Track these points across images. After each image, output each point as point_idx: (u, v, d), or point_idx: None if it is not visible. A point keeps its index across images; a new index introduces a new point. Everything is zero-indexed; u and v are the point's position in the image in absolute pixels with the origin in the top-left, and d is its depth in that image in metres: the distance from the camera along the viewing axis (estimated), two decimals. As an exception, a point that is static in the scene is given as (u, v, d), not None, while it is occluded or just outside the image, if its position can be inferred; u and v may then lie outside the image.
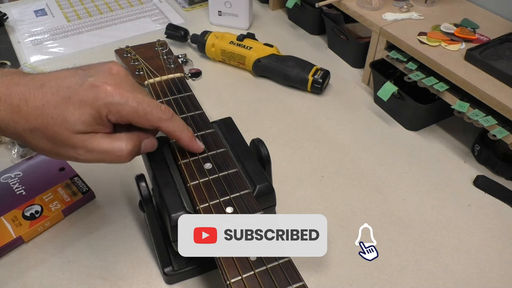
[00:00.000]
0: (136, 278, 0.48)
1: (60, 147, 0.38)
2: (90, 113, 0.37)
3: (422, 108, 0.64)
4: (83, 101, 0.37)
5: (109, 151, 0.39)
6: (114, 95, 0.37)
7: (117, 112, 0.38)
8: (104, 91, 0.37)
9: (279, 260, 0.35)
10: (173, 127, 0.41)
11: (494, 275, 0.49)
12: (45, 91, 0.37)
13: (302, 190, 0.58)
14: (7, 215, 0.52)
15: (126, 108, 0.38)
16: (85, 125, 0.37)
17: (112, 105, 0.37)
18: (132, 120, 0.39)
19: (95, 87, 0.37)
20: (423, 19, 0.71)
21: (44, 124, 0.37)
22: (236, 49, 0.77)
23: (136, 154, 0.41)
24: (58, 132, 0.37)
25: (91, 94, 0.37)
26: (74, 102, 0.37)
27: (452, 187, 0.59)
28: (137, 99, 0.38)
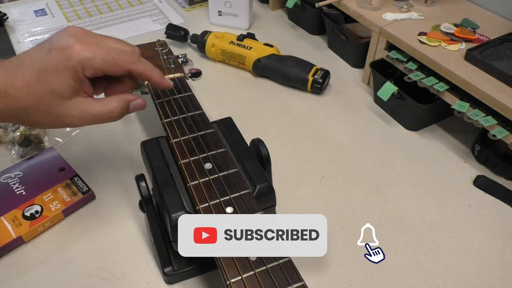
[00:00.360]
0: (136, 278, 0.48)
1: (56, 117, 0.41)
2: (69, 76, 0.40)
3: (422, 108, 0.64)
4: (58, 67, 0.39)
5: (101, 113, 0.43)
6: (83, 51, 0.40)
7: (90, 66, 0.40)
8: (73, 51, 0.39)
9: (279, 260, 0.35)
10: (143, 67, 0.44)
11: (494, 275, 0.49)
12: (23, 71, 0.40)
13: (302, 190, 0.58)
14: (7, 215, 0.52)
15: (97, 60, 0.40)
16: (69, 89, 0.40)
17: (84, 61, 0.40)
18: (105, 70, 0.41)
19: (63, 50, 0.39)
20: (423, 19, 0.71)
21: (34, 101, 0.39)
22: (236, 49, 0.77)
23: (126, 113, 0.45)
24: (50, 104, 0.40)
25: (62, 58, 0.39)
26: (51, 72, 0.39)
27: (452, 187, 0.59)
28: (104, 50, 0.41)
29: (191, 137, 0.46)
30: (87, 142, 0.65)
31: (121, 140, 0.65)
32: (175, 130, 0.47)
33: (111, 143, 0.64)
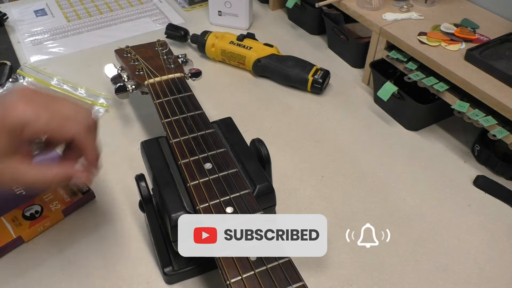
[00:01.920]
0: (136, 278, 0.48)
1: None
2: (4, 136, 0.37)
3: (422, 108, 0.64)
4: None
5: (35, 181, 0.39)
6: (24, 111, 0.37)
7: (30, 128, 0.37)
8: (13, 110, 0.37)
9: (279, 260, 0.35)
10: (86, 139, 0.41)
11: (494, 275, 0.49)
12: None
13: (302, 190, 0.58)
14: (7, 215, 0.52)
15: (39, 124, 0.37)
16: (3, 148, 0.37)
17: (23, 121, 0.37)
18: (47, 134, 0.39)
19: (5, 108, 0.37)
20: (423, 19, 0.71)
21: None
22: (236, 49, 0.77)
23: (64, 185, 0.42)
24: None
25: (1, 115, 0.36)
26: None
27: (452, 187, 0.59)
28: (49, 114, 0.38)
29: (191, 137, 0.46)
30: (87, 142, 0.65)
31: (121, 140, 0.65)
32: (175, 130, 0.47)
33: (111, 143, 0.64)
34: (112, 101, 0.71)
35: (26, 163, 0.39)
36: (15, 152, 0.38)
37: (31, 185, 0.40)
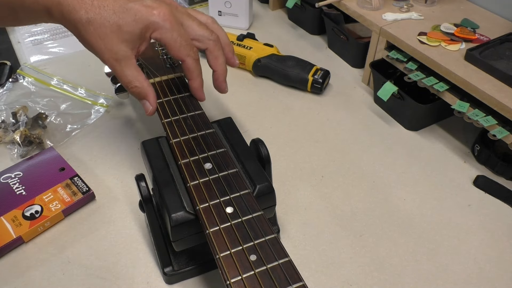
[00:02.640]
0: (136, 278, 0.48)
1: (105, 47, 0.43)
2: (140, 27, 0.43)
3: (422, 108, 0.64)
4: (138, 16, 0.43)
5: (126, 80, 0.46)
6: (165, 20, 0.44)
7: (160, 34, 0.44)
8: (158, 14, 0.44)
9: (279, 260, 0.35)
10: (194, 67, 0.48)
11: (494, 275, 0.49)
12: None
13: (302, 190, 0.58)
14: (7, 215, 0.52)
15: (168, 35, 0.44)
16: (131, 36, 0.43)
17: (159, 27, 0.44)
18: (167, 45, 0.45)
19: (152, 8, 0.44)
20: (423, 19, 0.71)
21: (99, 23, 0.42)
22: (236, 49, 0.77)
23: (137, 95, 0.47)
24: (109, 35, 0.43)
25: (147, 12, 0.43)
26: (130, 13, 0.43)
27: (452, 187, 0.59)
28: (180, 32, 0.45)
29: (191, 137, 0.46)
30: (87, 142, 0.65)
31: (121, 140, 0.65)
32: (175, 130, 0.47)
33: (111, 143, 0.64)
34: (112, 101, 0.71)
35: (134, 59, 0.45)
36: (136, 44, 0.45)
37: (119, 76, 0.45)
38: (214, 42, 0.49)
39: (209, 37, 0.49)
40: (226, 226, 0.37)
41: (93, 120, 0.68)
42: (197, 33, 0.48)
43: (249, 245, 0.36)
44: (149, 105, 0.48)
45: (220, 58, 0.50)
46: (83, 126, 0.67)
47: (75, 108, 0.70)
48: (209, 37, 0.49)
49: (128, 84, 0.46)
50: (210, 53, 0.50)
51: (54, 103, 0.71)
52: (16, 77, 0.76)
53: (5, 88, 0.73)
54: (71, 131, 0.66)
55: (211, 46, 0.49)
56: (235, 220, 0.38)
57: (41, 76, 0.77)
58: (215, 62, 0.50)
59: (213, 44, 0.49)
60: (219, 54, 0.50)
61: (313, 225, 0.54)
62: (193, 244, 0.43)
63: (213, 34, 0.49)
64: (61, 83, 0.75)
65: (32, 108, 0.69)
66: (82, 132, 0.66)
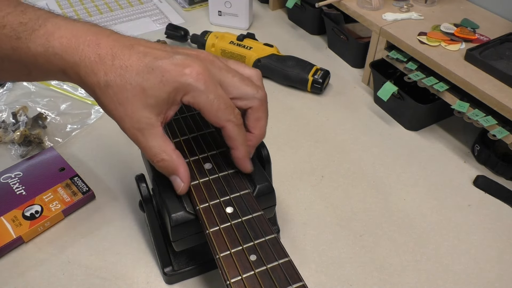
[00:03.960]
0: (136, 278, 0.48)
1: (125, 114, 0.37)
2: (167, 90, 0.36)
3: (422, 108, 0.64)
4: (166, 77, 0.36)
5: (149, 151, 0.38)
6: (198, 80, 0.36)
7: (193, 98, 0.37)
8: (190, 73, 0.36)
9: (279, 260, 0.35)
10: (237, 134, 0.39)
11: (494, 275, 0.49)
12: (132, 53, 0.37)
13: (302, 190, 0.58)
14: (7, 215, 0.52)
15: (203, 97, 0.37)
16: (157, 100, 0.36)
17: (192, 89, 0.36)
18: (202, 110, 0.38)
19: (182, 66, 0.36)
20: (423, 19, 0.71)
21: (120, 86, 0.36)
22: (236, 49, 0.77)
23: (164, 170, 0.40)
24: (130, 100, 0.36)
25: (176, 71, 0.36)
26: (156, 75, 0.36)
27: (452, 187, 0.59)
28: (216, 93, 0.37)
29: (191, 137, 0.46)
30: (87, 142, 0.65)
31: (121, 140, 0.65)
32: (175, 130, 0.47)
33: (111, 143, 0.64)
34: (112, 101, 0.71)
35: (160, 126, 0.38)
36: (163, 109, 0.37)
37: (142, 148, 0.38)
38: (260, 101, 0.41)
39: (255, 94, 0.40)
40: (226, 226, 0.37)
41: (93, 120, 0.68)
42: (240, 91, 0.39)
43: (249, 245, 0.36)
44: (180, 182, 0.39)
45: (262, 120, 0.42)
46: (83, 126, 0.67)
47: (75, 108, 0.70)
48: (254, 95, 0.40)
49: (153, 157, 0.38)
50: (252, 113, 0.41)
51: (54, 103, 0.71)
52: (16, 77, 0.76)
53: (5, 88, 0.73)
54: (71, 131, 0.66)
55: (256, 105, 0.40)
56: (235, 220, 0.38)
57: (41, 76, 0.77)
58: (255, 124, 0.41)
59: (258, 104, 0.40)
60: (263, 116, 0.42)
61: (313, 225, 0.54)
62: (193, 244, 0.43)
63: (260, 92, 0.40)
64: (61, 83, 0.75)
65: (32, 108, 0.69)
66: (82, 132, 0.66)
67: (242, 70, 0.41)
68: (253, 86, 0.40)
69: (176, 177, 0.39)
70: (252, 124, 0.41)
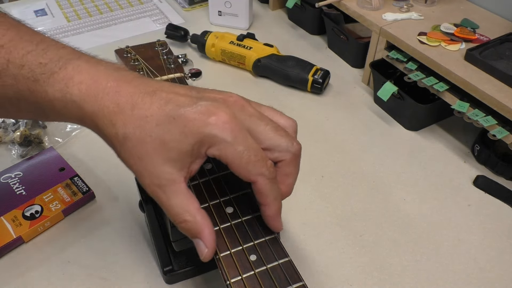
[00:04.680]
0: (136, 278, 0.48)
1: (144, 169, 0.34)
2: (191, 143, 0.33)
3: (422, 108, 0.64)
4: (189, 127, 0.32)
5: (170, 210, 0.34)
6: (225, 129, 0.32)
7: (219, 151, 0.33)
8: (215, 123, 0.32)
9: (279, 260, 0.35)
10: (269, 190, 0.35)
11: (494, 275, 0.49)
12: (153, 100, 0.33)
13: (302, 190, 0.58)
14: (7, 215, 0.52)
15: (231, 149, 0.33)
16: (179, 154, 0.33)
17: (218, 141, 0.33)
18: (230, 164, 0.34)
19: (207, 114, 0.32)
20: (423, 19, 0.71)
21: (139, 138, 0.33)
22: (236, 49, 0.77)
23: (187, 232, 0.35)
24: (150, 154, 0.33)
25: (200, 121, 0.32)
26: (178, 125, 0.32)
27: (452, 187, 0.59)
28: (246, 144, 0.33)
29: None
30: (87, 142, 0.65)
31: (121, 140, 0.65)
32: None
33: (111, 143, 0.64)
34: (112, 101, 0.71)
35: (183, 182, 0.34)
36: (186, 164, 0.34)
37: (164, 207, 0.34)
38: (293, 156, 0.36)
39: (289, 147, 0.36)
40: (226, 226, 0.37)
41: (93, 120, 0.68)
42: (273, 142, 0.35)
43: (249, 245, 0.36)
44: (203, 247, 0.34)
45: (292, 177, 0.38)
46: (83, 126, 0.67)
47: (75, 108, 0.70)
48: (288, 148, 0.36)
49: (175, 217, 0.34)
50: (282, 167, 0.37)
51: (54, 103, 0.71)
52: (16, 77, 0.76)
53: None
54: (71, 131, 0.66)
55: (288, 159, 0.36)
56: (235, 220, 0.38)
57: (41, 76, 0.77)
58: (283, 180, 0.37)
59: (291, 158, 0.36)
60: (294, 172, 0.38)
61: (313, 225, 0.54)
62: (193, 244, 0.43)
63: (295, 145, 0.37)
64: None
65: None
66: (82, 132, 0.66)
67: (277, 119, 0.38)
68: (288, 137, 0.36)
69: (199, 240, 0.35)
70: (280, 179, 0.37)
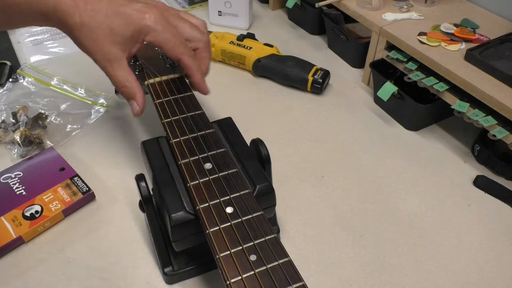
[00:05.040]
0: (136, 278, 0.48)
1: (97, 48, 0.45)
2: (131, 30, 0.45)
3: (422, 108, 0.64)
4: (130, 19, 0.45)
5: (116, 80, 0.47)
6: (157, 23, 0.46)
7: (153, 37, 0.46)
8: (149, 18, 0.45)
9: (279, 260, 0.35)
10: (192, 63, 0.49)
11: (494, 275, 0.49)
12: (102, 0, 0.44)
13: (302, 190, 0.58)
14: (7, 215, 0.52)
15: (161, 37, 0.46)
16: (123, 39, 0.45)
17: (152, 30, 0.46)
18: (162, 46, 0.47)
19: (143, 12, 0.45)
20: (423, 19, 0.71)
21: (92, 26, 0.44)
22: (236, 49, 0.77)
23: (126, 95, 0.48)
24: (101, 38, 0.44)
25: (139, 15, 0.45)
26: (122, 17, 0.44)
27: (452, 187, 0.59)
28: (172, 32, 0.47)
29: (191, 137, 0.46)
30: (87, 142, 0.65)
31: (121, 140, 0.65)
32: (175, 130, 0.47)
33: (111, 143, 0.64)
34: (112, 101, 0.71)
35: (125, 60, 0.46)
36: (128, 47, 0.46)
37: (110, 77, 0.47)
38: (205, 44, 0.51)
39: (201, 38, 0.50)
40: (226, 226, 0.37)
41: (93, 120, 0.68)
42: (189, 34, 0.49)
43: (249, 245, 0.36)
44: (136, 105, 0.48)
45: (207, 59, 0.52)
46: (83, 126, 0.67)
47: (75, 108, 0.70)
48: (200, 38, 0.50)
49: (118, 84, 0.47)
50: (199, 53, 0.51)
51: (54, 103, 0.71)
52: (16, 77, 0.76)
53: (5, 88, 0.73)
54: (71, 131, 0.66)
55: (201, 46, 0.51)
56: (235, 220, 0.38)
57: (41, 76, 0.77)
58: (201, 62, 0.51)
59: (203, 45, 0.51)
60: (207, 55, 0.52)
61: (313, 225, 0.54)
62: (193, 244, 0.43)
63: (204, 35, 0.51)
64: (61, 83, 0.75)
65: (32, 108, 0.69)
66: (82, 132, 0.66)
67: (191, 19, 0.51)
68: (199, 31, 0.50)
69: (133, 101, 0.48)
70: (199, 62, 0.51)
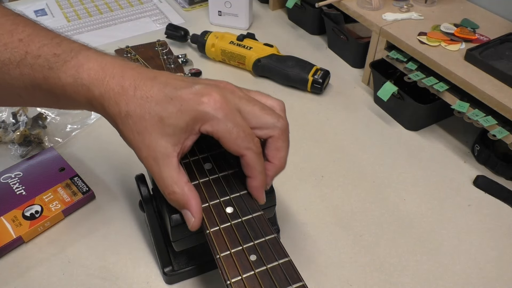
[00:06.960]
0: (136, 278, 0.48)
1: (142, 143, 0.38)
2: (185, 120, 0.37)
3: (422, 108, 0.64)
4: (184, 106, 0.36)
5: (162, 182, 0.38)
6: (217, 108, 0.36)
7: (211, 127, 0.37)
8: (208, 102, 0.36)
9: (279, 260, 0.35)
10: (255, 163, 0.39)
11: (494, 275, 0.49)
12: (154, 84, 0.37)
13: (302, 190, 0.58)
14: (7, 215, 0.52)
15: (222, 126, 0.37)
16: (174, 130, 0.37)
17: (210, 118, 0.37)
18: (221, 139, 0.37)
19: (200, 95, 0.37)
20: (423, 19, 0.71)
21: (139, 116, 0.37)
22: (236, 49, 0.77)
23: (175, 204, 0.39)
24: (148, 130, 0.37)
25: (195, 101, 0.36)
26: (175, 103, 0.36)
27: (452, 187, 0.59)
28: (235, 121, 0.37)
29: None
30: (87, 142, 0.65)
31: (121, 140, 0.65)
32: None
33: (111, 143, 0.64)
34: (112, 101, 0.71)
35: (176, 157, 0.38)
36: (180, 139, 0.37)
37: (156, 178, 0.38)
38: (281, 131, 0.40)
39: (275, 123, 0.39)
40: (226, 226, 0.37)
41: (93, 120, 0.68)
42: (260, 120, 0.39)
43: (249, 245, 0.36)
44: (190, 217, 0.38)
45: (282, 151, 0.41)
46: (83, 126, 0.67)
47: (75, 108, 0.70)
48: (274, 124, 0.39)
49: (165, 189, 0.38)
50: (272, 142, 0.40)
51: (54, 103, 0.71)
52: (16, 77, 0.75)
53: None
54: (71, 131, 0.66)
55: (275, 134, 0.39)
56: (235, 220, 0.38)
57: (41, 76, 0.77)
58: (274, 154, 0.40)
59: (278, 133, 0.39)
60: (283, 146, 0.40)
61: (313, 225, 0.54)
62: (193, 244, 0.43)
63: (281, 121, 0.40)
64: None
65: (32, 108, 0.69)
66: (82, 132, 0.66)
67: (264, 100, 0.41)
68: (273, 115, 0.40)
69: (187, 211, 0.38)
70: (271, 154, 0.40)
